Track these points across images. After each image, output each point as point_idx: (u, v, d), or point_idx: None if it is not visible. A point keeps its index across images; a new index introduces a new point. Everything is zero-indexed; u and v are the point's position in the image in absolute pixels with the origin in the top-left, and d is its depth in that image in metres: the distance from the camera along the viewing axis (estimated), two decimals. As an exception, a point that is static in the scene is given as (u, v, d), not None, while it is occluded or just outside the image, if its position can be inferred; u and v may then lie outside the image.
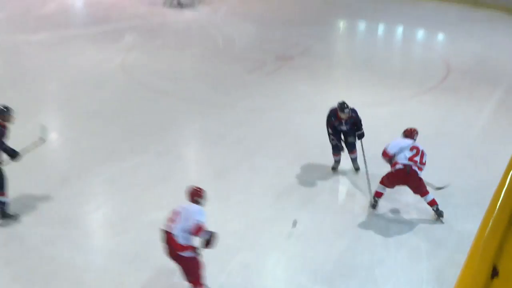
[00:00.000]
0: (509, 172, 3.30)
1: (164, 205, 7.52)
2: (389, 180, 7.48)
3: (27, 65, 13.35)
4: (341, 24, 19.23)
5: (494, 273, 2.63)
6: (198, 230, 5.37)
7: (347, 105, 8.09)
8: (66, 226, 7.03)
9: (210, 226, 7.03)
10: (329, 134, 8.42)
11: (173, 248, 5.39)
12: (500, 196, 3.04)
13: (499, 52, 15.05)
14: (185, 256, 5.42)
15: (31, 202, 7.56)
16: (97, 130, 9.83)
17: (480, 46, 15.57)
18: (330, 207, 7.75)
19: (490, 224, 2.79)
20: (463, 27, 17.53)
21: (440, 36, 17.48)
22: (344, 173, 8.70)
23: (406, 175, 7.25)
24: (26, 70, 12.98)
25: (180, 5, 18.95)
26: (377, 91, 11.99)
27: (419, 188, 7.40)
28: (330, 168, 8.64)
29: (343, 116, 8.14)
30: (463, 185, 8.23)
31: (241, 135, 9.79)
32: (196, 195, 5.70)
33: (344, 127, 8.31)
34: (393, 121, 10.21)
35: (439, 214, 7.47)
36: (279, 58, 14.04)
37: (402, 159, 7.25)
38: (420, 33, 17.76)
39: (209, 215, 7.27)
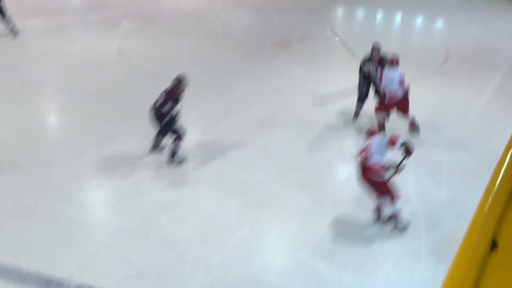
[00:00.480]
0: (510, 149, 3.34)
1: (165, 184, 7.62)
2: (387, 107, 8.95)
3: (24, 51, 13.32)
4: (340, 11, 19.21)
5: (493, 245, 2.66)
6: (393, 140, 6.48)
7: (380, 46, 9.33)
8: (67, 204, 7.04)
9: (210, 205, 7.13)
10: (360, 82, 9.45)
11: (372, 173, 6.42)
12: (500, 172, 3.07)
13: (498, 37, 15.06)
14: (380, 182, 6.47)
15: (33, 179, 7.60)
16: (95, 113, 9.82)
17: (479, 31, 15.58)
18: (330, 185, 7.79)
19: (490, 199, 2.82)
20: (462, 12, 17.54)
21: (440, 22, 17.47)
22: (342, 150, 8.74)
23: (403, 101, 8.84)
24: (23, 56, 12.96)
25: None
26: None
27: (407, 108, 8.97)
28: (332, 146, 8.82)
29: (377, 55, 9.22)
30: (462, 166, 8.27)
31: (240, 119, 9.79)
32: (373, 133, 6.81)
33: (376, 69, 9.23)
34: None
35: (416, 128, 9.16)
36: (277, 43, 14.03)
37: (397, 90, 8.70)
38: (420, 19, 17.75)
39: (210, 193, 7.39)
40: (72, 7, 18.06)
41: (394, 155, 6.61)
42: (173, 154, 8.21)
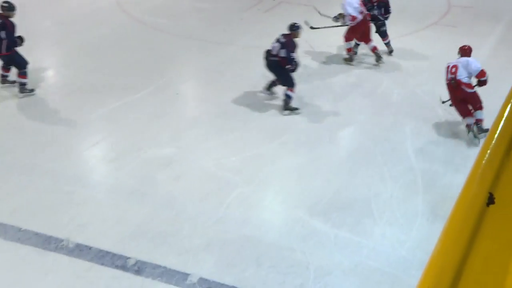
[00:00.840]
0: (509, 102, 3.29)
1: (163, 141, 7.61)
2: (354, 32, 9.82)
3: (19, 1, 13.04)
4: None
5: (490, 200, 2.64)
6: (482, 73, 7.61)
7: None
8: (65, 161, 7.06)
9: (207, 162, 7.13)
10: None
11: (463, 88, 7.59)
12: (498, 126, 3.02)
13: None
14: (471, 92, 7.65)
15: (29, 136, 7.60)
16: (93, 67, 9.74)
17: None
18: (327, 143, 7.77)
19: (488, 153, 2.79)
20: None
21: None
22: (341, 107, 8.70)
23: (364, 24, 9.73)
24: (18, 6, 12.67)
25: None
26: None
27: (368, 34, 9.91)
28: (328, 108, 8.69)
29: None
30: (459, 121, 8.23)
31: (239, 72, 9.72)
32: (469, 52, 7.99)
33: (376, 11, 10.04)
34: (393, 56, 10.19)
35: (379, 57, 9.98)
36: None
37: (357, 13, 9.62)
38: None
39: (207, 151, 7.38)
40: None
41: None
42: (287, 102, 8.34)
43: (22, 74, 8.61)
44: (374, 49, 9.97)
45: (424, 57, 10.42)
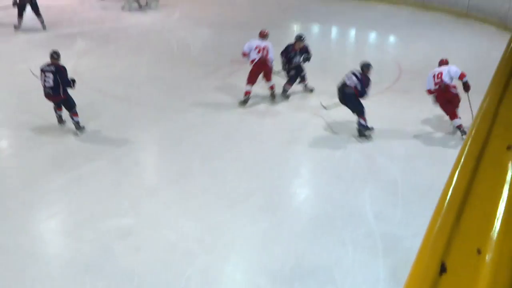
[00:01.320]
0: (456, 170, 3.35)
1: (121, 211, 7.48)
2: (251, 74, 11.02)
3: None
4: (295, 28, 19.40)
5: (442, 269, 2.67)
6: (463, 75, 9.56)
7: (304, 37, 11.32)
8: (17, 235, 6.84)
9: (167, 231, 7.03)
10: (284, 64, 11.39)
11: (452, 88, 9.63)
12: (447, 193, 3.08)
13: (447, 53, 15.18)
14: (454, 93, 9.61)
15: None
16: (50, 137, 9.63)
17: (429, 47, 15.95)
18: (287, 209, 7.78)
19: (439, 221, 2.84)
20: (413, 29, 17.96)
21: (392, 38, 17.84)
22: (300, 171, 8.79)
23: (261, 65, 10.91)
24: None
25: (140, 7, 19.00)
26: (331, 93, 12.11)
27: (269, 74, 11.11)
28: (287, 172, 8.71)
29: (299, 45, 11.20)
30: (416, 183, 8.40)
31: (197, 140, 9.75)
32: (446, 63, 9.95)
33: (298, 58, 11.26)
34: (348, 120, 10.40)
35: (273, 95, 11.33)
36: (234, 61, 14.00)
37: (254, 56, 10.86)
38: (373, 36, 18.07)
39: (167, 220, 7.30)
40: (24, 25, 17.62)
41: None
42: (362, 129, 9.76)
43: (74, 112, 9.60)
44: (271, 88, 11.28)
45: (380, 121, 10.67)
